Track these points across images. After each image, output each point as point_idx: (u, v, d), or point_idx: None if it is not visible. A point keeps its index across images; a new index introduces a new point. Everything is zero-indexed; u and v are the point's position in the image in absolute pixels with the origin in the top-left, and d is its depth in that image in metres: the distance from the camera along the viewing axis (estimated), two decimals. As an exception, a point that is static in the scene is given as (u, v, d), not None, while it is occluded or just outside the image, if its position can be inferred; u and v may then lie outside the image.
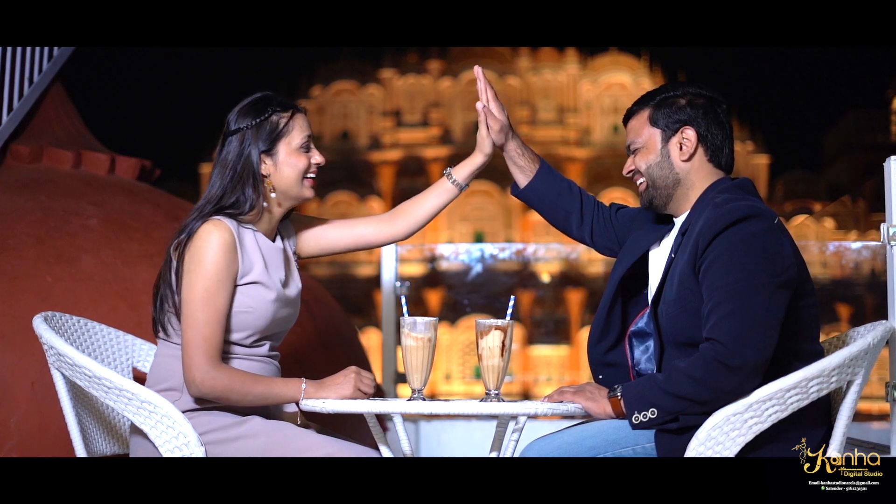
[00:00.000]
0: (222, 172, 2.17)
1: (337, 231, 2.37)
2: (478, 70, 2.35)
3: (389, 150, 32.38)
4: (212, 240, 2.09)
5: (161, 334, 2.18)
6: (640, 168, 2.17)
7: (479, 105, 2.33)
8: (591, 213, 2.40)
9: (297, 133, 2.20)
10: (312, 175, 2.23)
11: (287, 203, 2.23)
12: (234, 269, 2.11)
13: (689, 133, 2.12)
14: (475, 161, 2.35)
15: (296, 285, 2.26)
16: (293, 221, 2.35)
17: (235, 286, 2.12)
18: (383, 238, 2.39)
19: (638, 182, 2.20)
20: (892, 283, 2.15)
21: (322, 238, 2.36)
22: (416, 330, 2.13)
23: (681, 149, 2.13)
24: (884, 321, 2.06)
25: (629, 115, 2.23)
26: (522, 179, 2.41)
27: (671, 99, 2.15)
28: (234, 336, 2.14)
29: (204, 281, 2.07)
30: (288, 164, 2.18)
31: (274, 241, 2.24)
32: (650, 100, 2.19)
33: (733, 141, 2.17)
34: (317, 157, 2.23)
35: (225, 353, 2.12)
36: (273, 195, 2.19)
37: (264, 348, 2.20)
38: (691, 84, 2.18)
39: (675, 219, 2.19)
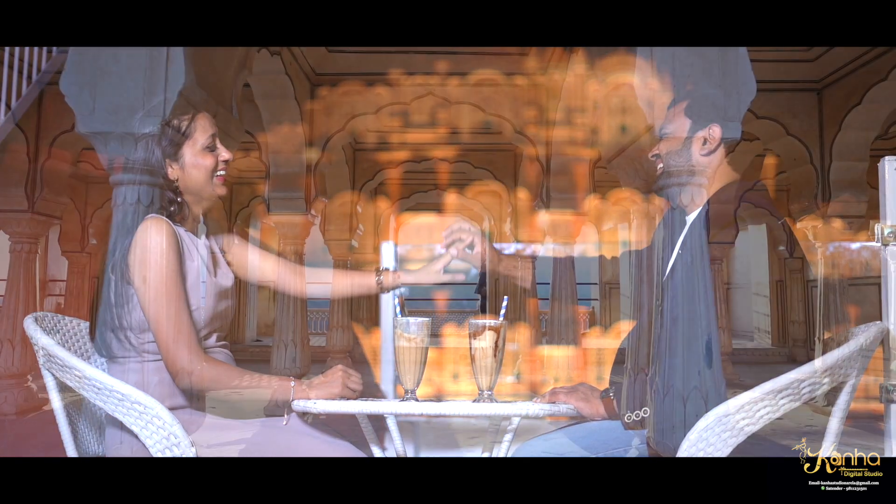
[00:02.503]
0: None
1: (253, 256, 2.37)
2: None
3: (397, 151, 32.38)
4: (153, 235, 2.08)
5: (104, 354, 2.19)
6: (662, 152, 2.19)
7: (450, 251, 2.36)
8: None
9: (200, 134, 2.20)
10: (222, 172, 2.24)
11: (203, 203, 2.24)
12: (180, 258, 2.11)
13: (716, 130, 2.13)
14: (406, 279, 2.38)
15: (229, 277, 2.27)
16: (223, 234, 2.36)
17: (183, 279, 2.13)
18: (284, 287, 2.40)
19: (658, 166, 2.22)
20: (887, 283, 2.13)
21: (240, 256, 2.36)
22: (409, 330, 2.13)
23: (704, 143, 2.14)
24: (878, 322, 2.05)
25: (672, 104, 2.28)
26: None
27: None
28: None
29: (160, 275, 2.07)
30: (195, 166, 2.19)
31: (199, 238, 2.25)
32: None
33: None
34: (224, 154, 2.23)
35: None
36: (185, 199, 2.20)
37: (212, 339, 2.21)
38: None
39: (686, 217, 2.19)
